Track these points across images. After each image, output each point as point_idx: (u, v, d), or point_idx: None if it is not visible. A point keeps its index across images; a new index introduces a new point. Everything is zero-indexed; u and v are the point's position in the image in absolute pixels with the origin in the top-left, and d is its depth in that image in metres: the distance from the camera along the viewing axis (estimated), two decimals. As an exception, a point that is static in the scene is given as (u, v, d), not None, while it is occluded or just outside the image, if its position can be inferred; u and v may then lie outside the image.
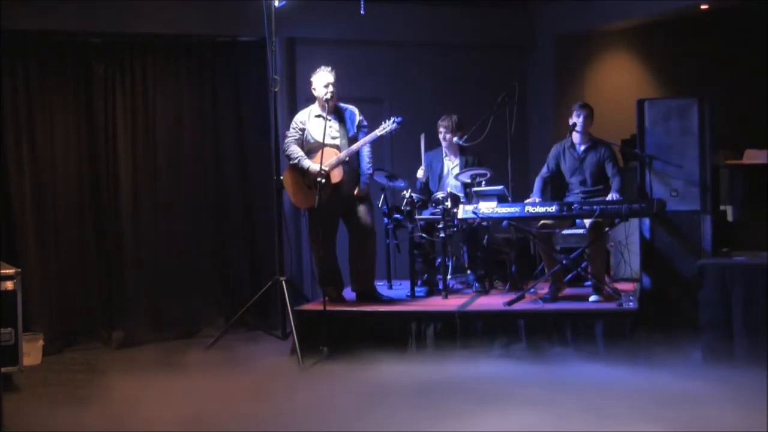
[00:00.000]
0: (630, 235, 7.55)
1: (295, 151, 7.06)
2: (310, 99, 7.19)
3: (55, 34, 7.68)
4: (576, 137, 7.21)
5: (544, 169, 7.36)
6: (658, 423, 4.82)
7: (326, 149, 6.91)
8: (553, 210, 6.70)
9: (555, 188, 7.52)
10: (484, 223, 7.26)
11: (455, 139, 7.58)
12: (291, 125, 7.18)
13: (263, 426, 5.05)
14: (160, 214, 8.08)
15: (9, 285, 6.12)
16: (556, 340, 6.38)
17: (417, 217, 7.28)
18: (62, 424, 5.23)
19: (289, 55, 8.50)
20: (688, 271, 6.75)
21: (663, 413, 4.96)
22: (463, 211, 6.91)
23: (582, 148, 7.22)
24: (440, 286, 7.26)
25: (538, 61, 9.55)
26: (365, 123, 7.17)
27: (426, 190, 7.67)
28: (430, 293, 7.38)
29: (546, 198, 7.32)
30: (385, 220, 7.49)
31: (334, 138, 7.02)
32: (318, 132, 6.96)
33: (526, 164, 9.27)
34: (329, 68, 7.04)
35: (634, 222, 7.36)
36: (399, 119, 6.97)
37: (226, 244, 8.37)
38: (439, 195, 7.28)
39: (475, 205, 6.85)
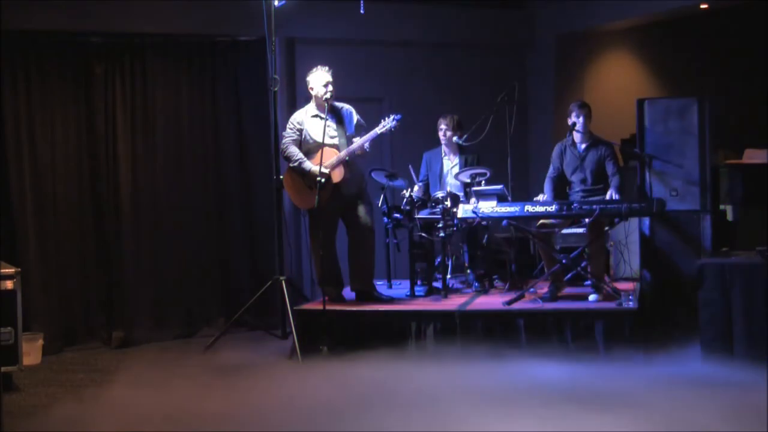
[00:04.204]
0: (630, 235, 7.55)
1: (294, 152, 7.05)
2: (310, 99, 7.19)
3: (55, 34, 7.68)
4: (577, 136, 7.21)
5: (551, 169, 7.34)
6: (656, 422, 4.82)
7: (326, 149, 6.90)
8: (553, 210, 6.71)
9: (560, 187, 7.52)
10: (484, 223, 7.27)
11: (455, 138, 7.58)
12: (288, 126, 7.14)
13: (262, 426, 5.05)
14: (159, 214, 8.08)
15: (9, 284, 6.12)
16: (555, 340, 6.38)
17: (416, 216, 7.28)
18: (62, 424, 5.23)
19: (289, 54, 8.51)
20: (688, 271, 6.74)
21: (661, 413, 4.96)
22: (463, 211, 6.92)
23: (583, 146, 7.21)
24: (440, 286, 7.26)
25: (538, 61, 9.55)
26: (363, 123, 7.17)
27: (425, 193, 7.67)
28: (429, 293, 7.38)
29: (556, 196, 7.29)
30: (385, 219, 7.49)
31: (332, 137, 7.02)
32: (316, 132, 6.96)
33: (526, 164, 9.28)
34: (326, 67, 7.03)
35: (634, 221, 7.36)
36: (398, 117, 6.96)
37: (226, 244, 8.37)
38: (439, 194, 7.28)
39: (474, 205, 6.86)
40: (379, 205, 7.40)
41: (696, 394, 5.29)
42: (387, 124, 6.96)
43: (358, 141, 6.98)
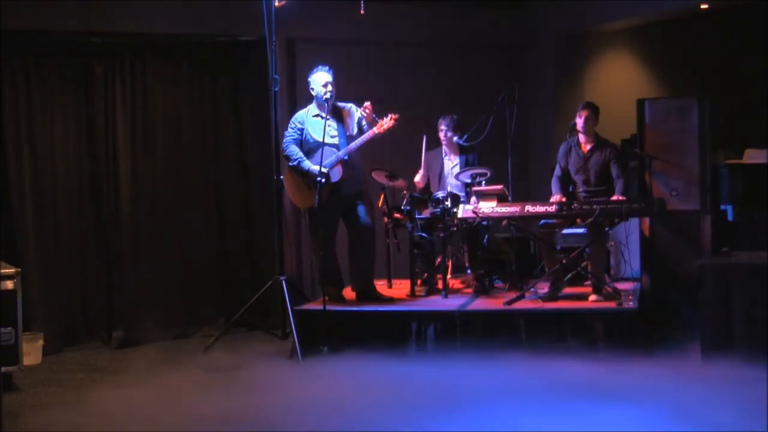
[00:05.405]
0: (630, 235, 7.56)
1: (295, 151, 7.06)
2: (310, 99, 7.20)
3: (55, 34, 7.68)
4: (581, 137, 7.20)
5: (557, 169, 7.34)
6: (655, 422, 4.82)
7: (326, 149, 6.91)
8: (553, 210, 6.71)
9: (564, 187, 7.52)
10: (484, 223, 7.26)
11: (455, 138, 7.58)
12: (289, 125, 7.18)
13: (262, 425, 5.05)
14: (159, 214, 8.09)
15: (9, 284, 6.11)
16: (555, 340, 6.38)
17: (417, 216, 7.28)
18: (62, 424, 5.23)
19: (289, 54, 8.51)
20: (688, 271, 6.74)
21: (664, 409, 4.96)
22: (463, 211, 6.92)
23: (588, 147, 7.20)
24: (440, 286, 7.25)
25: (538, 60, 9.54)
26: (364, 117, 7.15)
27: (426, 192, 7.67)
28: (429, 293, 7.38)
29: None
30: (385, 219, 7.49)
31: (333, 137, 7.03)
32: (317, 132, 6.96)
33: (526, 164, 9.28)
34: (327, 67, 7.04)
35: (634, 221, 7.35)
36: (396, 116, 6.96)
37: (226, 243, 8.37)
38: (439, 194, 7.28)
39: (475, 205, 6.85)
40: (380, 205, 7.40)
41: (697, 391, 5.30)
42: (384, 124, 6.96)
43: (356, 141, 6.98)
